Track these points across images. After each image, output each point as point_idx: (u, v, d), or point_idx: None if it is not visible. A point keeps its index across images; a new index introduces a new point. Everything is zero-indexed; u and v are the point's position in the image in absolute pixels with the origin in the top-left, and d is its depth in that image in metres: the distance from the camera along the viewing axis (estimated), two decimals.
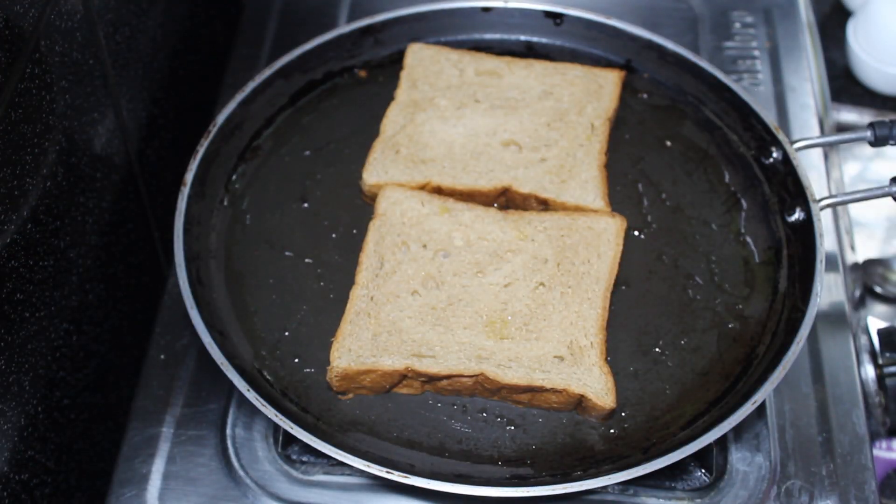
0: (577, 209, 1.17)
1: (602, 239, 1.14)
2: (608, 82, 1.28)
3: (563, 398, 1.03)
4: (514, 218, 1.15)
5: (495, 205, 1.20)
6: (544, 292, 1.10)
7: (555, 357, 1.05)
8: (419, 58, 1.30)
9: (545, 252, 1.12)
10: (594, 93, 1.27)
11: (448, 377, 1.04)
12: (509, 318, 1.08)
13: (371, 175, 1.19)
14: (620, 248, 1.14)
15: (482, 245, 1.13)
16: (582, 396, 1.03)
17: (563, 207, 1.17)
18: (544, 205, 1.18)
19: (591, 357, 1.05)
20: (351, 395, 1.06)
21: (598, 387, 1.03)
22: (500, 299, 1.09)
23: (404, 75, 1.29)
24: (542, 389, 1.03)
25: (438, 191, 1.19)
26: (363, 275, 1.10)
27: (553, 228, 1.14)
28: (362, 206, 1.20)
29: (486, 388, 1.05)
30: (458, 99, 1.26)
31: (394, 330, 1.07)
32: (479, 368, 1.03)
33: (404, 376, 1.04)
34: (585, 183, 1.19)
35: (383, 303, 1.08)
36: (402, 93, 1.27)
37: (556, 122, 1.24)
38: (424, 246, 1.13)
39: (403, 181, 1.19)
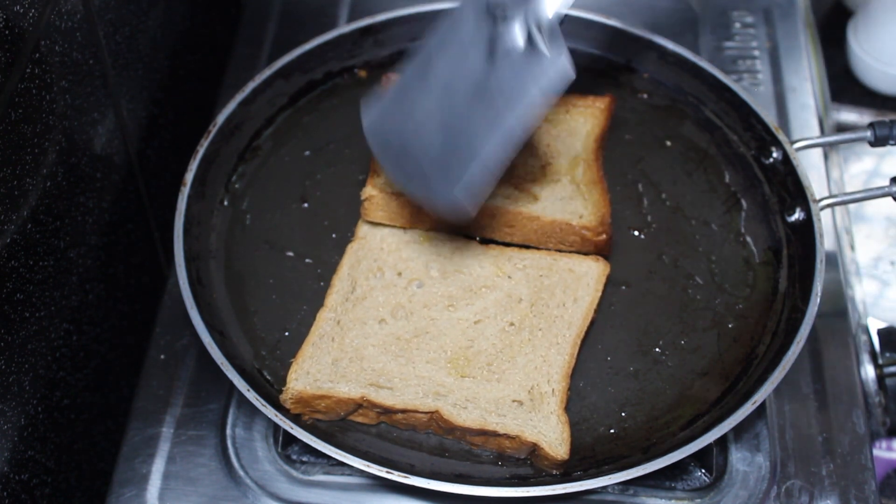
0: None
1: (581, 283, 1.10)
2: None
3: (517, 444, 1.00)
4: (495, 254, 1.12)
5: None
6: (513, 333, 1.07)
7: (513, 401, 1.02)
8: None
9: (521, 291, 1.09)
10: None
11: (403, 411, 1.01)
12: (473, 356, 1.04)
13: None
14: (599, 294, 1.10)
15: (458, 278, 1.10)
16: (535, 445, 0.99)
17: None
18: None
19: (551, 405, 1.02)
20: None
21: (552, 436, 0.99)
22: (467, 336, 1.06)
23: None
24: (495, 434, 1.00)
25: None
26: (333, 297, 1.09)
27: (532, 267, 1.11)
28: None
29: (440, 426, 1.02)
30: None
31: (355, 357, 1.04)
32: (435, 405, 1.00)
33: (360, 405, 1.02)
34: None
35: (349, 328, 1.06)
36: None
37: None
38: (399, 274, 1.10)
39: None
